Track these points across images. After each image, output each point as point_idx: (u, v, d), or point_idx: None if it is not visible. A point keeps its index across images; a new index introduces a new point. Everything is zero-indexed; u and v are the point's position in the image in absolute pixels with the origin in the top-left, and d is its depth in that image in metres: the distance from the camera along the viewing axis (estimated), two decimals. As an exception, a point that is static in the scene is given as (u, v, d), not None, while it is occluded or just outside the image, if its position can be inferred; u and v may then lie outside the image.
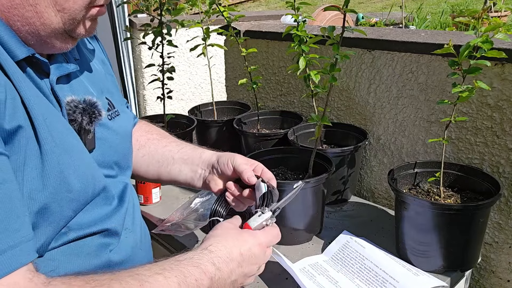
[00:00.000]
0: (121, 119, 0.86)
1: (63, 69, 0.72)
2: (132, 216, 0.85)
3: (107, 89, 0.85)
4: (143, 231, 0.91)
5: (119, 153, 0.83)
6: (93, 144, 0.75)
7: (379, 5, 8.73)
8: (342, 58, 1.03)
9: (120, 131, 0.84)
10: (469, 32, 0.91)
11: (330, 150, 1.34)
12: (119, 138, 0.83)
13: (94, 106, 0.73)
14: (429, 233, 1.01)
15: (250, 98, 1.88)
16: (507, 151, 1.13)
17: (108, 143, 0.79)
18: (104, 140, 0.78)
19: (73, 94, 0.73)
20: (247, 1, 10.55)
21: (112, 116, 0.83)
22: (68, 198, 0.65)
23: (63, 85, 0.73)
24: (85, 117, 0.71)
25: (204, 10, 1.50)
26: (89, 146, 0.73)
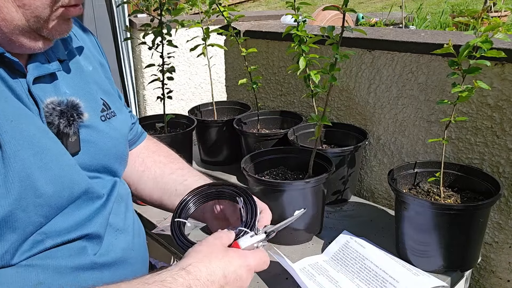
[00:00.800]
0: (117, 120, 0.84)
1: (42, 69, 0.70)
2: (123, 216, 0.83)
3: (102, 90, 0.84)
4: (136, 231, 0.88)
5: (110, 155, 0.81)
6: (77, 146, 0.72)
7: (379, 5, 8.73)
8: (341, 58, 1.03)
9: (114, 133, 0.82)
10: (469, 32, 0.91)
11: (330, 150, 1.34)
12: (112, 140, 0.81)
13: (74, 108, 0.70)
14: (429, 233, 1.01)
15: (250, 98, 1.88)
16: (507, 151, 1.13)
17: (97, 146, 0.77)
18: (92, 143, 0.76)
19: (57, 95, 0.70)
20: (247, 1, 10.55)
21: (107, 117, 0.81)
22: (36, 203, 0.62)
23: (46, 85, 0.71)
24: (63, 120, 0.68)
25: (204, 10, 1.50)
26: (72, 148, 0.71)
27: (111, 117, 0.82)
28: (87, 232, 0.72)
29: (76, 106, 0.70)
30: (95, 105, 0.79)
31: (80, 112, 0.71)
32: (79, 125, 0.71)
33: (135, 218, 0.90)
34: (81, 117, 0.71)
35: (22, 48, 0.66)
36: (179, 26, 1.52)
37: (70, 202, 0.68)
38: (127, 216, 0.85)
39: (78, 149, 0.72)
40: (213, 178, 1.60)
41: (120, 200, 0.84)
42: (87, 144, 0.74)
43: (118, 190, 0.83)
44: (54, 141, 0.67)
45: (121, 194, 0.85)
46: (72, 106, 0.70)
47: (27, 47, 0.66)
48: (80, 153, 0.73)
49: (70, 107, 0.69)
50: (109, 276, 0.74)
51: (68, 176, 0.67)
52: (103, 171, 0.80)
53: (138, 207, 1.38)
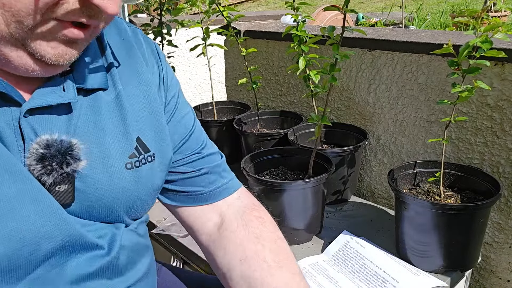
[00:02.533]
0: (151, 168, 0.66)
1: (46, 99, 0.55)
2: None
3: (143, 128, 0.66)
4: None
5: (117, 208, 0.63)
6: (68, 197, 0.57)
7: (379, 5, 8.73)
8: (342, 58, 1.03)
9: (140, 181, 0.64)
10: (469, 32, 0.91)
11: (330, 150, 1.34)
12: (131, 191, 0.64)
13: (64, 153, 0.56)
14: (429, 233, 1.01)
15: (250, 98, 1.88)
16: (507, 151, 1.13)
17: (102, 201, 0.61)
18: (95, 197, 0.60)
19: (65, 132, 0.57)
20: (247, 1, 10.55)
21: (135, 165, 0.63)
22: None
23: (51, 118, 0.56)
24: (39, 166, 0.54)
25: (204, 10, 1.50)
26: (60, 199, 0.56)
27: (144, 163, 0.65)
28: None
29: (67, 152, 0.56)
30: (123, 147, 0.63)
31: (67, 160, 0.56)
32: (64, 175, 0.56)
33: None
34: (64, 168, 0.55)
35: (10, 66, 0.52)
36: (179, 26, 1.52)
37: (38, 262, 0.54)
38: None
39: (70, 201, 0.57)
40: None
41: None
42: (85, 196, 0.59)
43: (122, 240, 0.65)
44: (28, 185, 0.53)
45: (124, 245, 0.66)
46: (64, 151, 0.55)
47: (16, 64, 0.51)
48: (75, 203, 0.58)
49: (59, 151, 0.55)
50: None
51: (33, 229, 0.52)
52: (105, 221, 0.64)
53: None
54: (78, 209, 0.59)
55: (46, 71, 0.53)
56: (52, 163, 0.54)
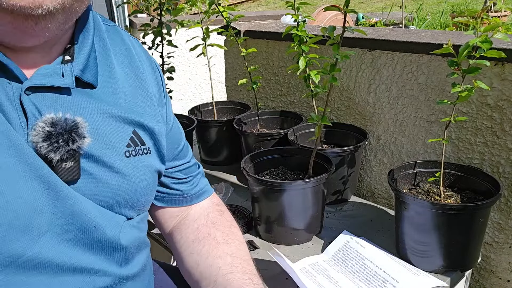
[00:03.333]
0: (147, 159, 0.69)
1: (46, 80, 0.57)
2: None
3: (139, 123, 0.69)
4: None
5: (125, 197, 0.66)
6: (74, 173, 0.59)
7: (379, 5, 8.73)
8: (342, 58, 1.03)
9: (134, 173, 0.67)
10: (469, 32, 0.91)
11: (330, 150, 1.34)
12: (127, 181, 0.66)
13: (70, 131, 0.57)
14: (429, 233, 1.01)
15: (250, 98, 1.88)
16: (507, 151, 1.13)
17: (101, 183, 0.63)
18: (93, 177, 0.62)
19: (65, 111, 0.58)
20: (247, 1, 10.55)
21: (132, 154, 0.66)
22: None
23: (52, 97, 0.58)
24: (46, 144, 0.56)
25: (204, 10, 1.50)
26: (66, 175, 0.58)
27: (141, 154, 0.68)
28: None
29: (72, 129, 0.57)
30: (119, 136, 0.65)
31: (72, 137, 0.57)
32: (71, 152, 0.58)
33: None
34: (70, 144, 0.57)
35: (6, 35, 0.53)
36: (179, 26, 1.52)
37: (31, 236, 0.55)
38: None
39: (76, 176, 0.59)
40: (213, 178, 1.61)
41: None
42: (87, 175, 0.61)
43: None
44: (27, 160, 0.54)
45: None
46: (69, 128, 0.57)
47: (19, 28, 0.52)
48: (80, 182, 0.60)
49: (65, 129, 0.57)
50: None
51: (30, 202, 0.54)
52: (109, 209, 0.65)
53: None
54: (83, 188, 0.60)
55: (37, 28, 0.53)
56: (58, 140, 0.56)
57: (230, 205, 1.34)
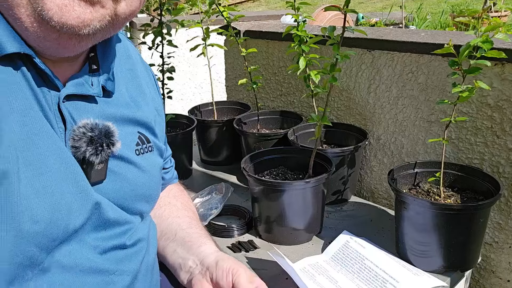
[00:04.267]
0: (152, 156, 0.75)
1: (80, 89, 0.62)
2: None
3: (142, 122, 0.74)
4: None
5: (139, 192, 0.72)
6: (102, 175, 0.64)
7: (379, 5, 8.74)
8: (342, 58, 1.03)
9: (148, 168, 0.73)
10: (469, 32, 0.91)
11: (330, 150, 1.34)
12: (146, 177, 0.72)
13: (107, 135, 0.63)
14: (429, 233, 1.01)
15: (250, 98, 1.88)
16: (507, 151, 1.13)
17: (125, 179, 0.69)
18: (120, 174, 0.68)
19: (93, 118, 0.63)
20: (247, 1, 10.55)
21: (141, 152, 0.72)
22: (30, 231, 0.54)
23: (84, 105, 0.63)
24: (90, 148, 0.61)
25: (204, 10, 1.50)
26: (95, 176, 0.63)
27: (146, 152, 0.74)
28: None
29: (109, 134, 0.63)
30: (131, 137, 0.71)
31: (112, 141, 0.63)
32: (108, 154, 0.64)
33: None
34: (111, 148, 0.63)
35: (49, 47, 0.57)
36: (179, 26, 1.52)
37: (66, 235, 0.59)
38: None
39: (102, 178, 0.65)
40: (213, 178, 1.61)
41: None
42: (113, 174, 0.66)
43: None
44: (69, 164, 0.59)
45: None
46: (106, 133, 0.63)
47: (64, 45, 0.56)
48: (105, 182, 0.65)
49: (103, 134, 0.62)
50: None
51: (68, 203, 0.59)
52: (127, 209, 0.70)
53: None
54: (107, 187, 0.65)
55: (78, 45, 0.57)
56: (102, 144, 0.62)
57: (230, 205, 1.34)
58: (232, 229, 1.22)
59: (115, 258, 0.67)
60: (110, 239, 0.66)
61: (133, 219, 0.71)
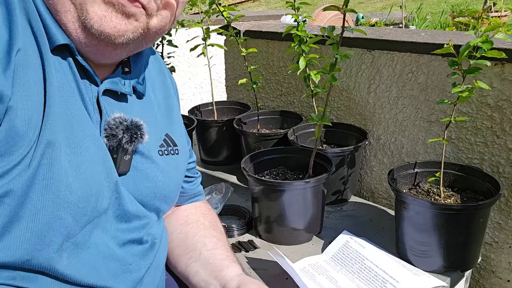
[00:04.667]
0: (176, 159, 0.79)
1: (116, 86, 0.69)
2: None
3: (168, 128, 0.79)
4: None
5: (157, 191, 0.75)
6: (127, 167, 0.69)
7: (379, 5, 8.73)
8: (342, 58, 1.03)
9: (170, 170, 0.77)
10: (469, 32, 0.91)
11: (330, 150, 1.34)
12: (165, 176, 0.75)
13: (138, 127, 0.69)
14: (429, 233, 1.01)
15: (250, 98, 1.88)
16: (507, 151, 1.13)
17: (144, 175, 0.72)
18: (140, 170, 0.71)
19: (127, 114, 0.69)
20: (247, 1, 10.55)
21: (165, 153, 0.76)
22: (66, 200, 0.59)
23: (115, 102, 0.69)
24: (126, 135, 0.67)
25: (204, 10, 1.50)
26: (123, 167, 0.68)
27: (172, 154, 0.78)
28: None
29: (140, 126, 0.69)
30: (156, 137, 0.76)
31: (142, 132, 0.69)
32: (136, 146, 0.69)
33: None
34: (142, 137, 0.69)
35: (94, 54, 0.65)
36: (179, 26, 1.52)
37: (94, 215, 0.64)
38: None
39: (127, 170, 0.69)
40: (213, 178, 1.61)
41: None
42: (135, 169, 0.70)
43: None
44: (101, 151, 0.65)
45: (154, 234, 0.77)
46: (136, 125, 0.68)
47: (103, 52, 0.64)
48: (127, 175, 0.69)
49: (134, 125, 0.68)
50: None
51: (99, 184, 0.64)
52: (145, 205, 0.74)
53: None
54: (129, 180, 0.70)
55: (113, 53, 0.65)
56: (136, 132, 0.68)
57: (230, 205, 1.34)
58: (232, 229, 1.22)
59: (132, 252, 0.71)
60: (129, 232, 0.70)
61: (150, 215, 0.75)
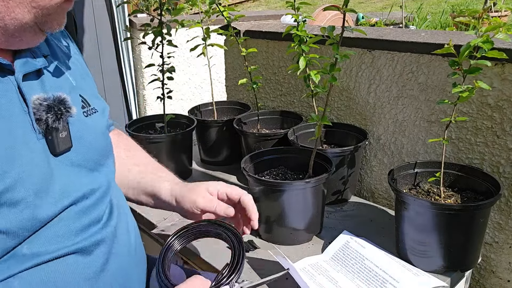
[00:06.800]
0: (97, 117, 0.81)
1: (30, 66, 0.68)
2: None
3: (80, 87, 0.80)
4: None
5: (100, 151, 0.79)
6: (68, 142, 0.71)
7: (379, 5, 8.73)
8: (342, 58, 1.03)
9: (100, 128, 0.81)
10: (470, 32, 0.91)
11: (330, 150, 1.34)
12: (99, 135, 0.80)
13: (62, 102, 0.69)
14: (429, 233, 1.01)
15: (250, 98, 1.88)
16: (507, 151, 1.13)
17: (87, 141, 0.75)
18: (83, 138, 0.74)
19: (44, 91, 0.69)
20: (247, 1, 10.55)
21: (89, 113, 0.79)
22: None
23: (32, 82, 0.69)
24: (50, 114, 0.66)
25: (204, 10, 1.50)
26: (63, 145, 0.69)
27: (92, 113, 0.80)
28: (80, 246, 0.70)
29: (63, 101, 0.69)
30: (77, 101, 0.77)
31: (68, 106, 0.69)
32: (68, 120, 0.70)
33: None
34: (69, 111, 0.69)
35: (20, 43, 0.65)
36: (179, 26, 1.52)
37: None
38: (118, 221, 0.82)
39: (69, 145, 0.71)
40: (213, 178, 1.61)
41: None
42: (78, 140, 0.73)
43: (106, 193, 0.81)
44: (35, 141, 0.66)
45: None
46: (59, 101, 0.68)
47: (26, 42, 0.66)
48: (72, 150, 0.71)
49: (57, 102, 0.68)
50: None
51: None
52: (97, 167, 0.78)
53: (138, 207, 1.38)
54: (74, 155, 0.71)
55: (42, 39, 0.68)
56: (60, 108, 0.67)
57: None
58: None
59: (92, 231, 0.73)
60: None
61: (99, 176, 0.78)
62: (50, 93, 0.69)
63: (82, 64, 0.87)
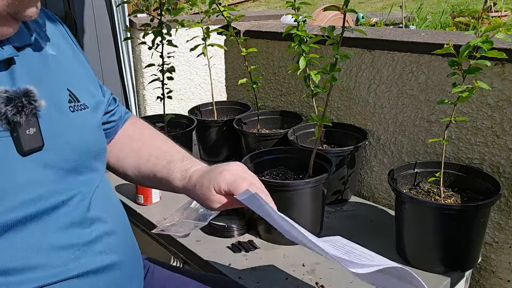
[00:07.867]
0: (86, 114, 0.74)
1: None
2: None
3: (69, 81, 0.74)
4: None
5: (83, 150, 0.71)
6: (38, 141, 0.63)
7: (379, 5, 8.73)
8: (342, 58, 1.03)
9: (86, 125, 0.73)
10: (469, 32, 0.91)
11: (330, 150, 1.34)
12: (83, 133, 0.72)
13: (26, 94, 0.61)
14: (429, 233, 1.01)
15: (250, 98, 1.88)
16: (507, 151, 1.13)
17: (64, 139, 0.68)
18: (58, 136, 0.66)
19: (12, 83, 0.62)
20: (247, 1, 10.54)
21: (76, 109, 0.72)
22: None
23: (1, 73, 0.63)
24: (10, 107, 0.59)
25: (204, 10, 1.50)
26: (31, 143, 0.62)
27: (81, 110, 0.73)
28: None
29: (28, 93, 0.62)
30: (61, 95, 0.71)
31: (33, 99, 0.62)
32: (37, 114, 0.63)
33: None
34: (33, 104, 0.62)
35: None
36: (179, 26, 1.52)
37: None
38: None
39: (40, 144, 0.63)
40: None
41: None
42: (54, 138, 0.65)
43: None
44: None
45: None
46: (24, 93, 0.61)
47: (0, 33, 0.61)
48: (45, 149, 0.63)
49: (20, 94, 0.61)
50: None
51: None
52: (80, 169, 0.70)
53: (138, 207, 1.38)
54: (48, 155, 0.64)
55: (15, 29, 0.63)
56: (21, 100, 0.61)
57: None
58: (232, 229, 1.22)
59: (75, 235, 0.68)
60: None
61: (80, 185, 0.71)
62: (19, 85, 0.62)
63: (80, 60, 0.81)
